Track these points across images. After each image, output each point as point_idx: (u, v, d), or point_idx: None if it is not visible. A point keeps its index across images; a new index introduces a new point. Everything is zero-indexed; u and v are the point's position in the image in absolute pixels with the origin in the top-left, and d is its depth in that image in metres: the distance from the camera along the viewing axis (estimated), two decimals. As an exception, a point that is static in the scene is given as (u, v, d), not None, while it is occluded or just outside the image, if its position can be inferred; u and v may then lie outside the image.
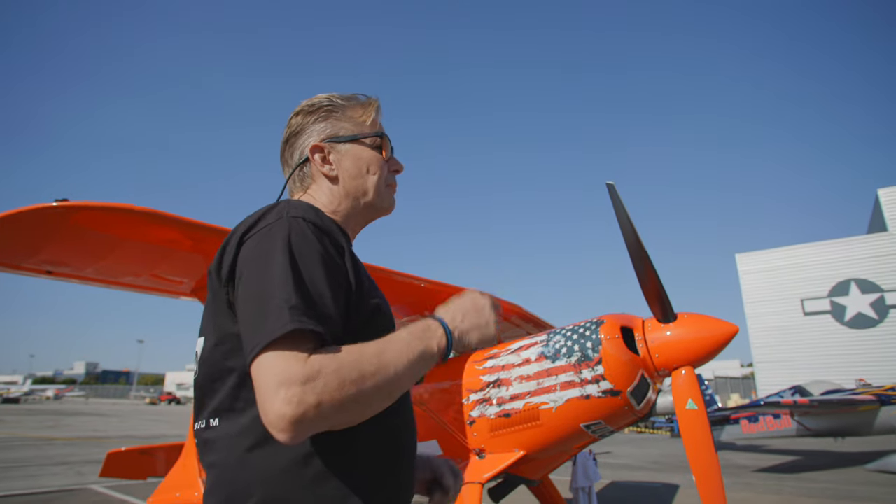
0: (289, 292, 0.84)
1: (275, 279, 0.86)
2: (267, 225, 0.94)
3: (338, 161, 1.18)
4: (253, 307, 0.86)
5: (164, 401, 60.96)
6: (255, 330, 0.83)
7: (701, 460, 2.82)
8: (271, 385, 0.78)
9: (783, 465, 10.86)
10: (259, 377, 0.81)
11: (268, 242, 0.91)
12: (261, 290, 0.86)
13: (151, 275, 3.58)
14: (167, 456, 5.25)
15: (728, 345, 3.03)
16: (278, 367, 0.79)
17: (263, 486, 0.88)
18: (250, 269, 0.90)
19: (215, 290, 0.98)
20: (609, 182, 3.00)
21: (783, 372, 25.36)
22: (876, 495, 7.47)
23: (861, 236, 27.57)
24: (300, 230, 0.92)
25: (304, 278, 0.87)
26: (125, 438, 16.01)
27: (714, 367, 49.39)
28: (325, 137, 1.19)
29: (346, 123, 1.20)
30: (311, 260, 0.90)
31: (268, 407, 0.78)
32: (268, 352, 0.81)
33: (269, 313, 0.82)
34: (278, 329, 0.80)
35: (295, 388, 0.77)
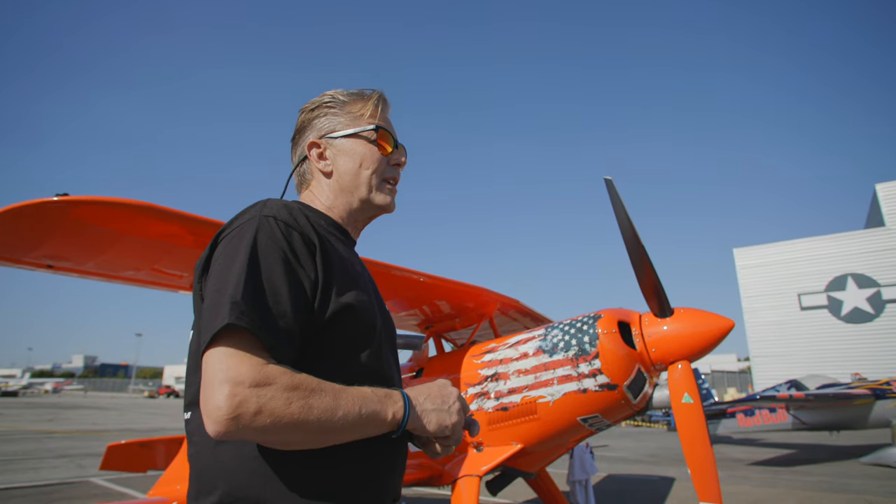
0: (237, 290, 0.85)
1: (231, 277, 0.88)
2: (240, 224, 0.98)
3: (333, 157, 1.19)
4: (209, 303, 0.89)
5: (162, 394, 61.02)
6: (206, 325, 0.85)
7: (696, 453, 2.85)
8: (217, 379, 0.80)
9: (778, 459, 10.94)
10: (206, 370, 0.82)
11: (236, 241, 0.94)
12: (217, 287, 0.89)
13: (152, 269, 3.59)
14: (167, 449, 5.29)
15: (724, 339, 3.06)
16: (227, 363, 0.81)
17: (226, 479, 0.90)
18: (215, 267, 0.94)
19: (195, 285, 1.02)
20: (607, 177, 3.02)
21: (780, 366, 25.49)
22: (871, 488, 7.54)
23: (858, 231, 27.63)
24: (268, 229, 0.95)
25: (260, 276, 0.89)
26: (124, 432, 16.05)
27: (711, 361, 49.55)
28: (322, 134, 1.19)
29: (344, 118, 1.19)
30: (273, 259, 0.92)
31: (208, 396, 0.79)
32: (217, 347, 0.83)
33: (218, 310, 0.84)
34: (218, 324, 0.82)
35: (240, 388, 0.79)
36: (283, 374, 0.83)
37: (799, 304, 27.23)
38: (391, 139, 1.23)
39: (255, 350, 0.84)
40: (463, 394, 3.48)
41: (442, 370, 3.72)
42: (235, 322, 0.82)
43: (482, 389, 3.39)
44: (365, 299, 1.06)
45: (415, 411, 0.97)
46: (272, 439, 0.83)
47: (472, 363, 3.53)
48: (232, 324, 0.82)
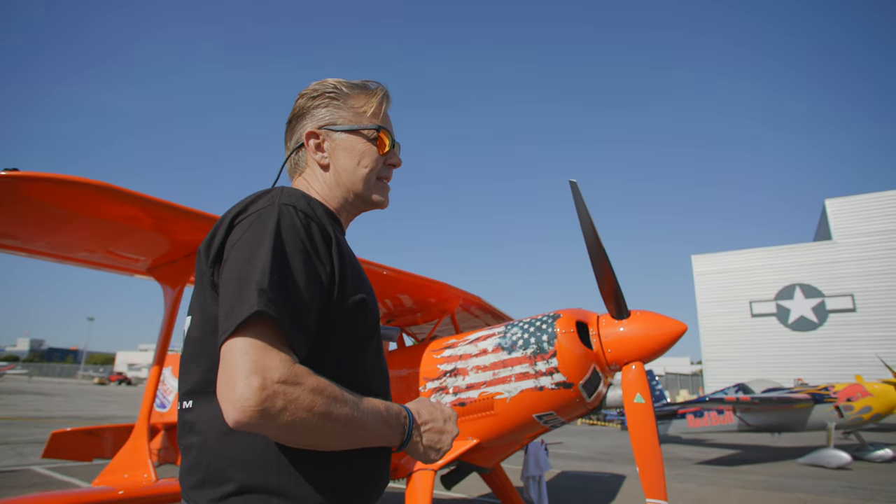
0: (264, 278, 0.84)
1: (256, 265, 0.86)
2: (257, 210, 0.95)
3: (331, 150, 1.17)
4: (231, 290, 0.86)
5: (113, 381, 58.97)
6: (230, 312, 0.83)
7: (645, 451, 2.95)
8: (245, 369, 0.78)
9: (724, 459, 11.39)
10: (232, 359, 0.80)
11: (256, 228, 0.91)
12: (241, 275, 0.87)
13: (107, 251, 3.47)
14: (115, 437, 5.13)
15: (676, 342, 3.16)
16: (257, 354, 0.80)
17: (240, 470, 0.89)
18: (235, 253, 0.91)
19: (202, 270, 0.98)
20: (572, 180, 3.07)
21: (730, 370, 26.53)
22: (806, 487, 7.94)
23: (807, 243, 28.98)
24: (289, 218, 0.93)
25: (284, 266, 0.88)
26: (70, 419, 15.45)
27: (665, 363, 51.13)
28: (322, 125, 1.17)
29: (346, 112, 1.17)
30: (294, 249, 0.90)
31: (233, 386, 0.78)
32: (243, 336, 0.81)
33: (244, 297, 0.83)
34: (245, 311, 0.81)
35: (269, 382, 0.78)
36: (310, 376, 0.84)
37: (750, 311, 28.36)
38: (390, 139, 1.22)
39: (280, 343, 0.83)
40: (422, 388, 3.51)
41: (402, 364, 3.73)
42: (264, 310, 0.81)
43: (441, 384, 3.42)
44: (370, 295, 1.07)
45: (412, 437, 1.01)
46: (287, 437, 0.84)
47: (432, 358, 3.55)
48: (262, 311, 0.81)
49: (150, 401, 3.52)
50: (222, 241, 0.95)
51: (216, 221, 1.01)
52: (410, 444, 1.01)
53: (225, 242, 0.95)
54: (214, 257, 0.96)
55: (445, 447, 1.06)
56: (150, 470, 3.18)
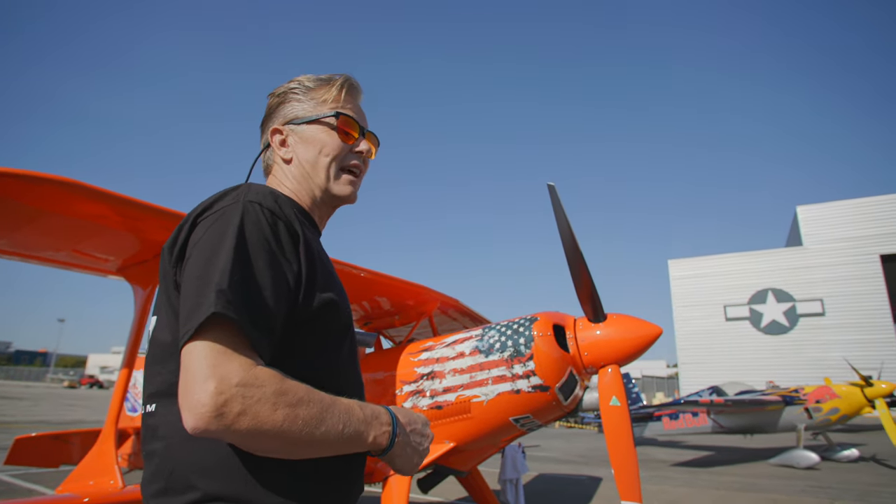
0: (224, 278, 0.81)
1: (217, 264, 0.83)
2: (222, 208, 0.92)
3: (294, 143, 1.15)
4: (191, 291, 0.84)
5: (84, 384, 57.47)
6: (189, 314, 0.81)
7: (620, 454, 2.97)
8: (202, 374, 0.76)
9: (698, 460, 11.57)
10: (190, 363, 0.78)
11: (219, 226, 0.89)
12: (201, 274, 0.84)
13: (74, 250, 3.37)
14: (83, 442, 4.97)
15: (652, 345, 3.19)
16: (215, 358, 0.77)
17: (205, 478, 0.85)
18: (197, 252, 0.88)
19: (166, 269, 0.95)
20: (550, 183, 3.09)
21: (704, 373, 27.03)
22: (776, 487, 8.11)
23: (780, 249, 29.70)
24: (254, 216, 0.90)
25: (246, 266, 0.85)
26: (36, 424, 14.98)
27: (642, 366, 51.82)
28: (286, 121, 1.16)
29: (308, 104, 1.16)
30: (258, 248, 0.87)
31: (191, 391, 0.76)
32: (201, 339, 0.79)
33: (203, 299, 0.80)
34: (204, 313, 0.78)
35: (226, 386, 0.75)
36: (273, 378, 0.80)
37: (724, 314, 28.96)
38: (356, 126, 1.18)
39: (241, 346, 0.80)
40: (398, 391, 3.48)
41: (378, 367, 3.70)
42: (222, 311, 0.78)
43: (418, 387, 3.40)
44: (341, 295, 1.04)
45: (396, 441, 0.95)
46: (250, 444, 0.80)
47: (409, 361, 3.53)
48: (219, 313, 0.78)
49: (118, 404, 3.42)
50: (185, 239, 0.92)
51: (182, 220, 0.97)
52: (396, 447, 0.95)
53: (188, 241, 0.92)
54: (177, 256, 0.92)
55: (426, 452, 1.03)
56: (116, 476, 3.09)
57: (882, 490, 7.89)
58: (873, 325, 25.36)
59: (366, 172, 1.23)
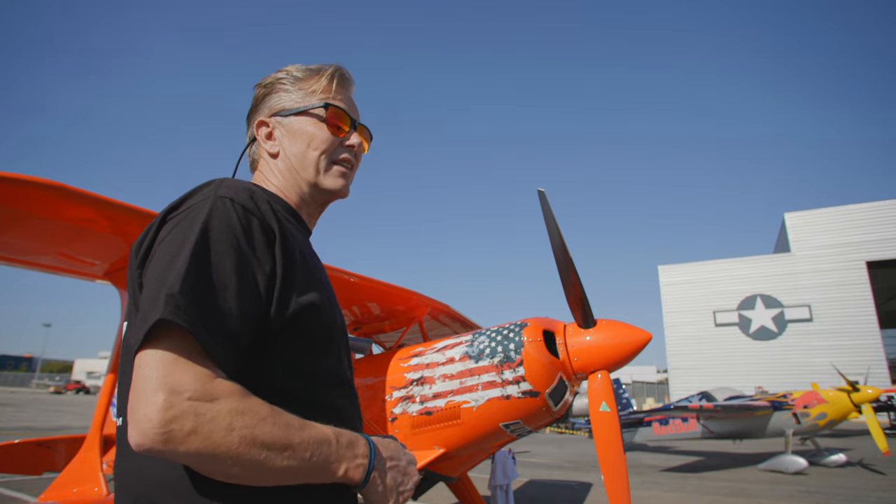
0: (177, 282, 0.74)
1: (174, 266, 0.77)
2: (190, 206, 0.86)
3: (281, 136, 1.09)
4: (147, 295, 0.77)
5: (71, 390, 56.71)
6: (141, 321, 0.74)
7: (610, 459, 2.97)
8: (151, 385, 0.69)
9: (687, 466, 11.61)
10: (139, 373, 0.71)
11: (184, 224, 0.82)
12: (159, 276, 0.78)
13: (60, 254, 3.33)
14: (68, 449, 4.90)
15: (641, 351, 3.20)
16: (165, 369, 0.70)
17: (170, 498, 0.78)
18: (159, 253, 0.82)
19: (132, 272, 0.88)
20: (540, 189, 3.10)
21: (694, 378, 27.20)
22: (764, 492, 8.15)
23: (768, 255, 30.00)
24: (223, 213, 0.83)
25: (205, 268, 0.78)
26: (20, 430, 14.75)
27: (632, 371, 51.99)
28: (272, 112, 1.11)
29: (295, 95, 1.10)
30: (225, 247, 0.81)
31: (137, 403, 0.69)
32: (152, 348, 0.72)
33: (155, 304, 0.73)
34: (150, 320, 0.71)
35: (177, 399, 0.68)
36: (232, 395, 0.72)
37: (714, 320, 29.17)
38: (346, 118, 1.12)
39: (195, 356, 0.73)
40: (388, 397, 3.46)
41: (368, 373, 3.68)
42: (169, 318, 0.71)
43: (407, 393, 3.38)
44: (326, 298, 0.96)
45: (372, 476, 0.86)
46: (201, 467, 0.72)
47: (399, 366, 3.51)
48: (165, 320, 0.71)
49: (103, 410, 3.38)
50: (151, 239, 0.86)
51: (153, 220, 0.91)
52: (371, 483, 0.86)
53: (154, 241, 0.86)
54: (142, 257, 0.86)
55: (409, 493, 0.94)
56: (101, 483, 3.04)
57: (869, 494, 7.96)
58: (860, 331, 25.64)
59: (358, 167, 1.17)
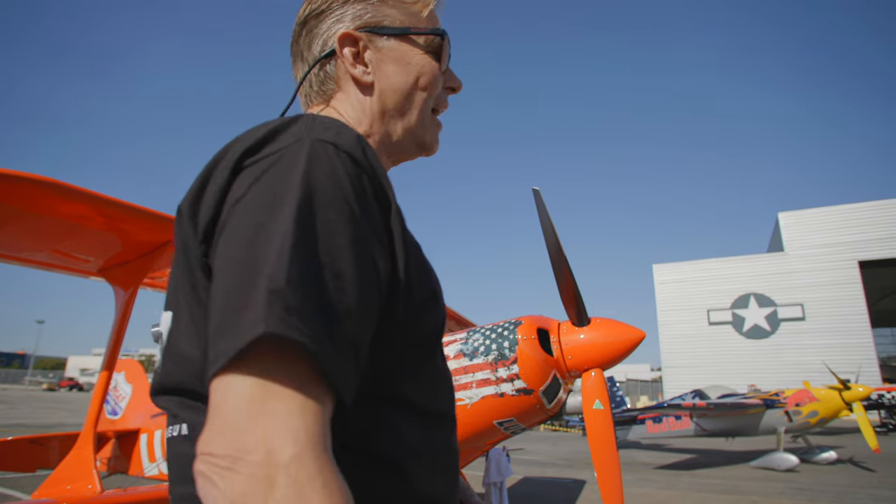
0: (281, 269, 0.50)
1: (271, 242, 0.52)
2: (279, 150, 0.59)
3: (377, 62, 0.81)
4: (228, 284, 0.52)
5: (64, 387, 56.49)
6: (223, 326, 0.50)
7: (603, 457, 3.00)
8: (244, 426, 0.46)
9: (680, 463, 11.69)
10: (223, 407, 0.48)
11: (275, 179, 0.56)
12: (244, 258, 0.52)
13: (53, 251, 3.33)
14: (61, 446, 4.89)
15: (635, 349, 3.23)
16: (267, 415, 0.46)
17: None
18: (239, 221, 0.55)
19: (187, 242, 0.62)
20: (535, 188, 3.12)
21: (688, 376, 27.34)
22: (756, 489, 8.22)
23: (762, 254, 30.19)
24: (328, 165, 0.57)
25: (317, 247, 0.53)
26: (13, 427, 14.69)
27: (626, 370, 52.30)
28: (362, 25, 0.81)
29: (394, 10, 0.83)
30: (334, 215, 0.55)
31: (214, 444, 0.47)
32: (242, 374, 0.48)
33: (246, 302, 0.49)
34: (247, 331, 0.47)
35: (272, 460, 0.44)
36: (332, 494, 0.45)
37: (708, 319, 29.32)
38: (448, 55, 0.87)
39: (310, 386, 0.48)
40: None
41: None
42: (279, 332, 0.46)
43: (402, 391, 3.39)
44: (439, 284, 0.76)
45: None
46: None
47: (395, 364, 3.52)
48: (274, 334, 0.46)
49: (97, 407, 3.37)
50: (220, 195, 0.59)
51: (207, 165, 0.63)
52: None
53: (224, 199, 0.58)
54: (206, 225, 0.59)
55: None
56: (94, 480, 3.04)
57: (859, 491, 8.04)
58: (851, 330, 25.85)
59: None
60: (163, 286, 4.53)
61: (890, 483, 8.73)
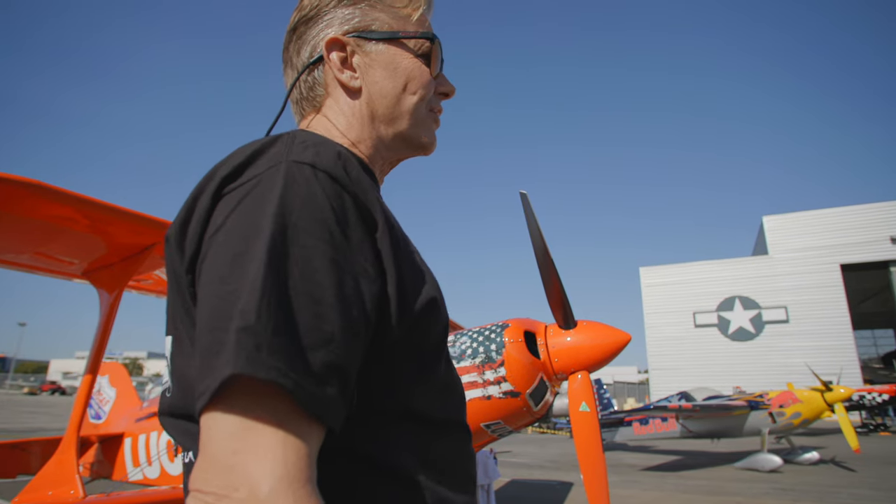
0: (251, 303, 0.50)
1: (244, 273, 0.52)
2: (257, 175, 0.59)
3: (365, 67, 0.81)
4: (205, 318, 0.53)
5: (46, 390, 55.50)
6: (204, 364, 0.51)
7: (589, 459, 3.02)
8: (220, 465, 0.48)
9: (667, 465, 11.78)
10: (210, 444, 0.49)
11: (250, 208, 0.57)
12: (221, 293, 0.53)
13: (36, 253, 3.28)
14: (43, 451, 4.81)
15: (621, 352, 3.26)
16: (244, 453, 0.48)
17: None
18: (216, 249, 0.56)
19: (175, 269, 0.63)
20: (522, 191, 3.14)
21: (674, 378, 27.59)
22: (741, 490, 8.32)
23: (747, 258, 30.57)
24: (304, 189, 0.58)
25: (292, 275, 0.53)
26: (-7, 431, 14.42)
27: (613, 372, 52.61)
28: (350, 30, 0.81)
29: (383, 14, 0.82)
30: (311, 239, 0.55)
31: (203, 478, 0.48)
32: (222, 412, 0.49)
33: (221, 340, 0.50)
34: (220, 370, 0.48)
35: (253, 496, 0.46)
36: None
37: (694, 321, 29.62)
38: (440, 58, 0.87)
39: (290, 421, 0.49)
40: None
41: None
42: (249, 373, 0.47)
43: (390, 394, 3.39)
44: (439, 290, 0.73)
45: None
46: None
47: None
48: (239, 375, 0.47)
49: (80, 411, 3.33)
50: (202, 223, 0.60)
51: (193, 191, 0.63)
52: None
53: (205, 228, 0.60)
54: (191, 254, 0.60)
55: None
56: (77, 486, 3.00)
57: (841, 491, 8.17)
58: (834, 332, 26.27)
59: None
60: (148, 289, 4.49)
61: (870, 482, 8.88)
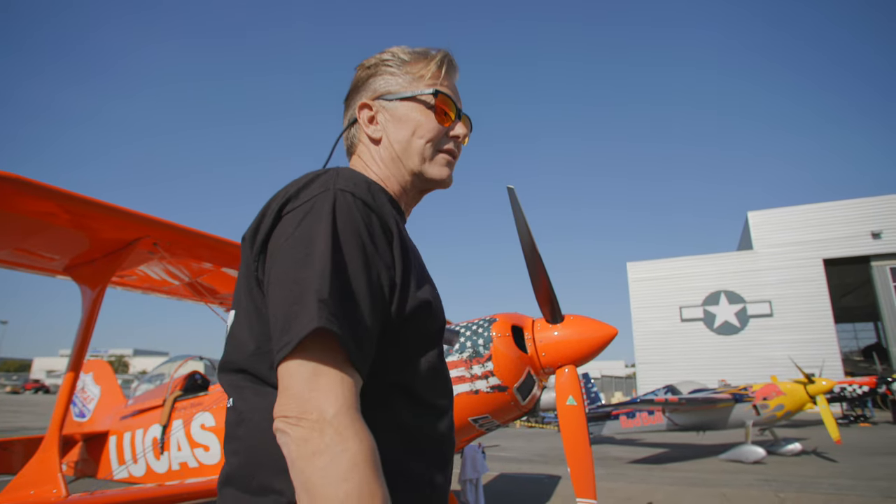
0: (324, 285, 0.74)
1: (313, 267, 0.76)
2: (311, 198, 0.83)
3: (385, 122, 1.06)
4: (284, 296, 0.76)
5: (29, 389, 54.68)
6: (286, 326, 0.73)
7: (576, 452, 3.04)
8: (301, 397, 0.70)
9: (653, 457, 11.91)
10: (290, 384, 0.71)
11: (311, 220, 0.80)
12: (297, 279, 0.76)
13: (17, 249, 3.23)
14: (25, 450, 4.75)
15: (608, 346, 3.28)
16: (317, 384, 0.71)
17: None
18: (286, 251, 0.80)
19: (248, 261, 0.89)
20: (509, 186, 3.14)
21: (661, 372, 27.89)
22: (726, 481, 8.44)
23: (732, 252, 30.94)
24: (347, 209, 0.81)
25: (342, 271, 0.77)
26: (-25, 431, 14.18)
27: (601, 366, 53.07)
28: (375, 96, 1.07)
29: (402, 79, 1.07)
30: (354, 248, 0.80)
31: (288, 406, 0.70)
32: (301, 359, 0.72)
33: (302, 308, 0.73)
34: (304, 326, 0.71)
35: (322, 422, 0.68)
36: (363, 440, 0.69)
37: (680, 315, 29.94)
38: (453, 107, 1.09)
39: (344, 365, 0.73)
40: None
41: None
42: (327, 326, 0.71)
43: (378, 389, 3.39)
44: (436, 292, 0.97)
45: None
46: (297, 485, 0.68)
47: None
48: (324, 328, 0.71)
49: (63, 409, 3.29)
50: (268, 231, 0.84)
51: (262, 208, 0.88)
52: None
53: (271, 234, 0.84)
54: (259, 247, 0.85)
55: None
56: (59, 484, 2.96)
57: (822, 481, 8.32)
58: (816, 326, 26.70)
59: (459, 157, 1.13)
60: (132, 284, 4.43)
61: (850, 472, 9.05)
